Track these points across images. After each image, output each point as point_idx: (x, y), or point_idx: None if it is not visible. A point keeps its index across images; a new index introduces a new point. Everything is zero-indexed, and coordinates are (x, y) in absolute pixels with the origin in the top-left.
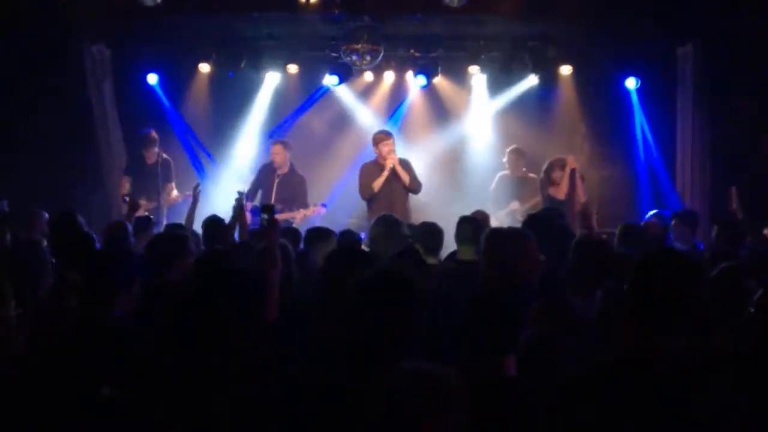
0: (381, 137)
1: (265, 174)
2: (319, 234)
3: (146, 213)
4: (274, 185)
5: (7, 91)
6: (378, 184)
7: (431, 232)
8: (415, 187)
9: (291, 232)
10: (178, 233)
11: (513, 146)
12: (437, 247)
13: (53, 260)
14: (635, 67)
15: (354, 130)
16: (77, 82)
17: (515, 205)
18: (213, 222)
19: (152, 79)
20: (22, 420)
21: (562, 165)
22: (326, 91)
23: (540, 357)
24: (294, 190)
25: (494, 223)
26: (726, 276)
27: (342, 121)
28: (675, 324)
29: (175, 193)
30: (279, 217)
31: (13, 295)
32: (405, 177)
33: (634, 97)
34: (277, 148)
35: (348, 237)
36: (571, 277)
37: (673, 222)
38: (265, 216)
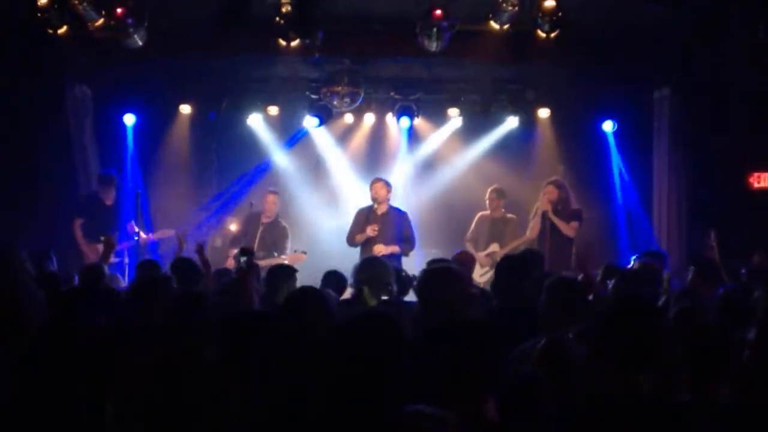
0: (372, 180)
1: (250, 220)
2: (284, 272)
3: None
4: (258, 231)
5: None
6: (360, 239)
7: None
8: (404, 249)
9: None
10: (161, 276)
11: (494, 186)
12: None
13: None
14: (612, 110)
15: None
16: (58, 122)
17: (495, 247)
18: (183, 264)
19: (129, 120)
20: None
21: (552, 184)
22: (305, 134)
23: (525, 398)
24: (276, 238)
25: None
26: (682, 316)
27: (321, 162)
28: (639, 365)
29: (143, 233)
30: (260, 263)
31: None
32: (395, 250)
33: (611, 140)
34: (273, 198)
35: (332, 278)
36: (543, 317)
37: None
38: (244, 259)
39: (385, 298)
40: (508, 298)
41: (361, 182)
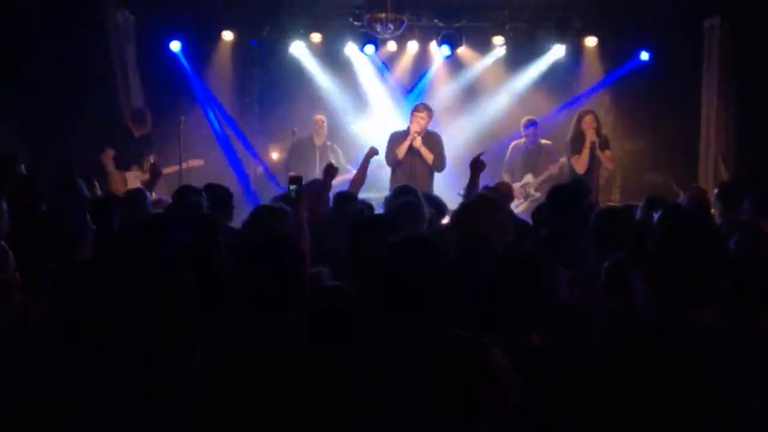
0: (415, 108)
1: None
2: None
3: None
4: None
5: (29, 55)
6: (402, 151)
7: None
8: (438, 165)
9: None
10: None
11: (528, 116)
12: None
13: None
14: (660, 39)
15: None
16: (100, 48)
17: (529, 178)
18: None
19: (175, 46)
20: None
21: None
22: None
23: (569, 328)
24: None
25: None
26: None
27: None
28: (694, 296)
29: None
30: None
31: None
32: (428, 156)
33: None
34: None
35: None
36: (590, 247)
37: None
38: (294, 187)
39: None
40: (555, 229)
41: (404, 109)
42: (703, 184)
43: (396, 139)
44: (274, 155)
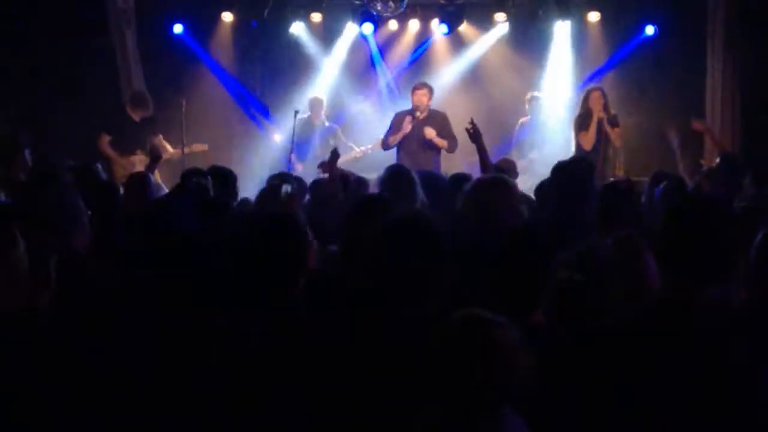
0: (415, 86)
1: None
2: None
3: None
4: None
5: (28, 41)
6: (394, 140)
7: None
8: (453, 147)
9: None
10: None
11: (532, 93)
12: None
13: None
14: (663, 12)
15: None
16: (100, 32)
17: (534, 154)
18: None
19: (178, 29)
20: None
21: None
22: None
23: (571, 303)
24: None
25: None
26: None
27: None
28: (707, 272)
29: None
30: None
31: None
32: (442, 144)
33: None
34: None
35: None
36: (595, 223)
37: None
38: (286, 187)
39: None
40: (558, 205)
41: (403, 88)
42: (709, 158)
43: (396, 121)
44: (277, 137)
